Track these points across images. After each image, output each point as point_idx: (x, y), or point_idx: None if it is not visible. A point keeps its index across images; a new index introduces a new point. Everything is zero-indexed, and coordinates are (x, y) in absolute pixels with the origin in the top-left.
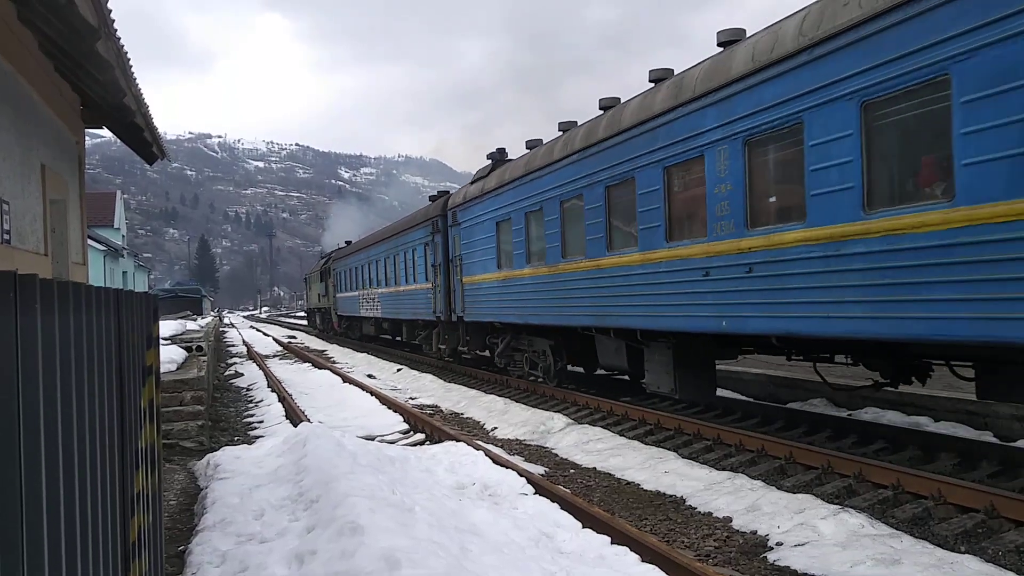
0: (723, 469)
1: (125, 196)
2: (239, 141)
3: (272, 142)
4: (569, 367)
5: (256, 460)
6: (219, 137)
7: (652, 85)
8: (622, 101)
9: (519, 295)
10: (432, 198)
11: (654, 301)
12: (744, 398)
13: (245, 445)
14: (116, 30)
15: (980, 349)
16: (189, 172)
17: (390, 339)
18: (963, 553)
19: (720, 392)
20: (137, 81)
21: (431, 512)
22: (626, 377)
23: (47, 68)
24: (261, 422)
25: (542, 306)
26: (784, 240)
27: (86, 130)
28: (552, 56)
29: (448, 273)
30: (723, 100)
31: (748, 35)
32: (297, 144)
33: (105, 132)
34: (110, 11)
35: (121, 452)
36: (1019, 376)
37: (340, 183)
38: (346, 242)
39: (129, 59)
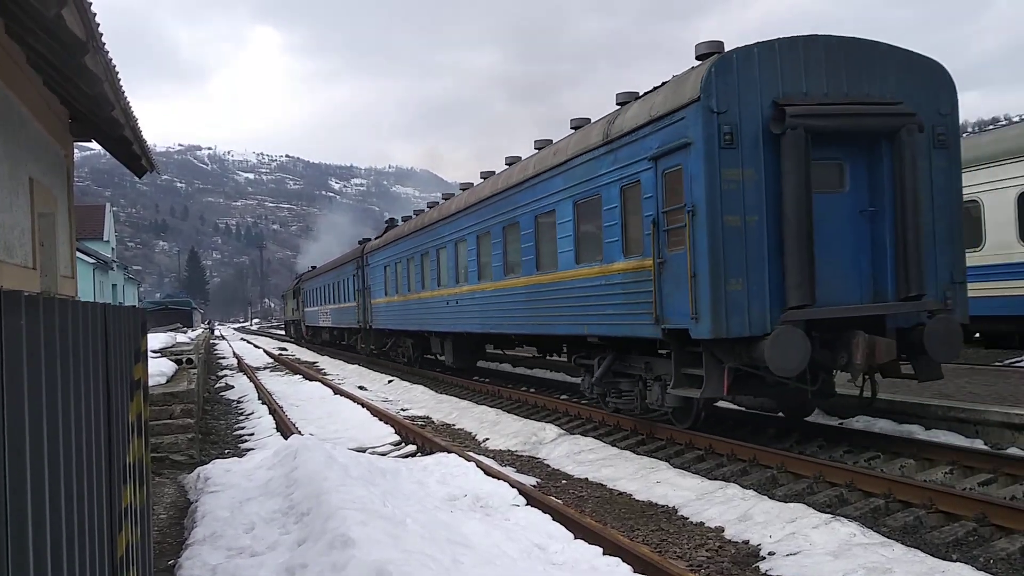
0: (715, 479)
1: (114, 209)
2: (229, 153)
3: (262, 154)
4: (426, 356)
5: (247, 473)
6: (209, 149)
7: (506, 167)
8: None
9: (394, 311)
10: (360, 242)
11: (438, 317)
12: (736, 407)
13: (236, 458)
14: (104, 44)
15: (568, 338)
16: (179, 184)
17: (337, 343)
18: (955, 561)
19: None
20: (126, 94)
21: (423, 524)
22: (443, 358)
23: (36, 82)
24: (252, 435)
25: (403, 318)
26: (448, 293)
27: (75, 143)
28: (544, 67)
29: (364, 296)
30: (446, 223)
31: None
32: (287, 155)
33: (94, 144)
34: (98, 25)
35: (108, 467)
36: (576, 350)
37: (331, 194)
38: (312, 267)
39: (118, 72)
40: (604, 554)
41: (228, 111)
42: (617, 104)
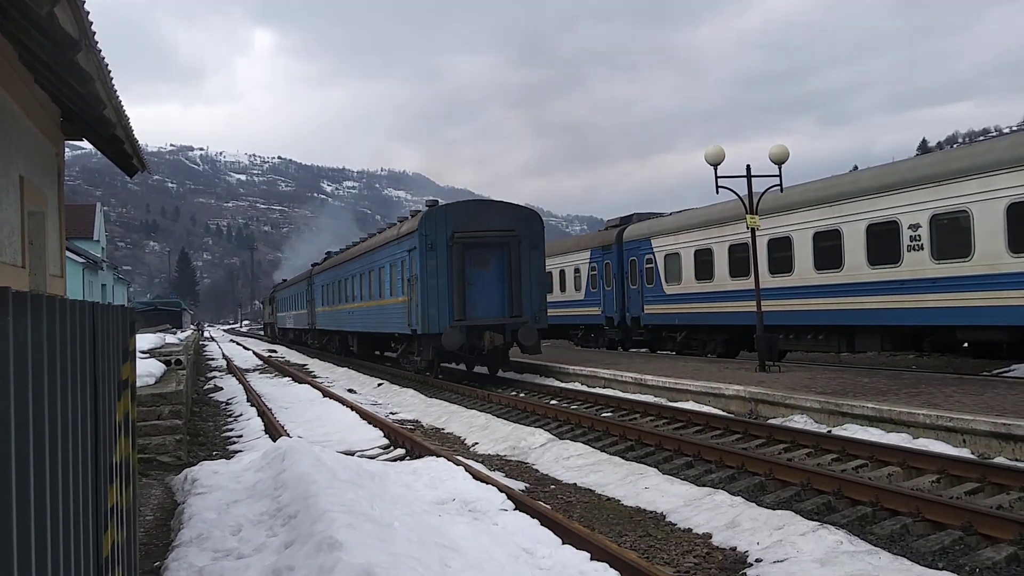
0: (703, 485)
1: (105, 208)
2: (221, 154)
3: (254, 155)
4: (348, 348)
5: (234, 475)
6: (201, 150)
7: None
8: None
9: (327, 317)
10: (312, 265)
11: (347, 321)
12: (725, 414)
13: (223, 460)
14: (97, 42)
15: (390, 335)
16: (170, 184)
17: (298, 340)
18: (941, 570)
19: (700, 408)
20: (118, 93)
21: (411, 528)
22: (354, 349)
23: (27, 80)
24: (240, 436)
25: (331, 322)
26: (350, 307)
27: (66, 142)
28: (540, 73)
29: (312, 305)
30: (349, 264)
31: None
32: (280, 157)
33: (86, 144)
34: (91, 23)
35: (95, 466)
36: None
37: (323, 196)
38: (283, 280)
39: (110, 71)
40: (591, 559)
41: (222, 112)
42: (410, 215)
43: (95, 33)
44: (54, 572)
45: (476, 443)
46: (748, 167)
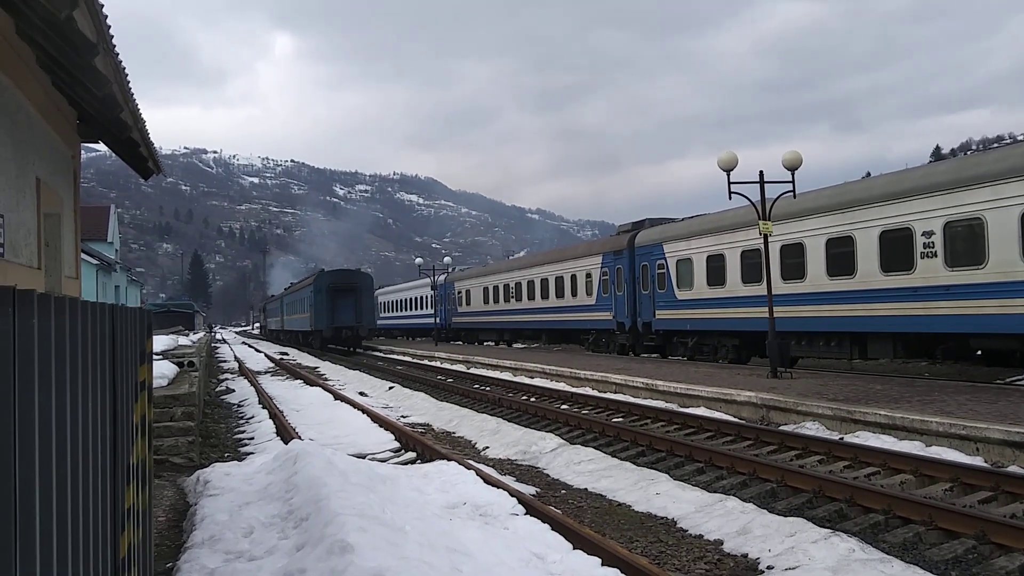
0: (715, 491)
1: (119, 210)
2: (234, 157)
3: (267, 158)
4: (299, 341)
5: (246, 477)
6: (214, 152)
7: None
8: None
9: (288, 322)
10: (285, 289)
11: (295, 324)
12: (737, 420)
13: (235, 462)
14: (115, 46)
15: (309, 331)
16: (184, 187)
17: (275, 338)
18: None
19: (712, 414)
20: (135, 96)
21: (422, 532)
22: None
23: (44, 82)
24: (252, 439)
25: (290, 324)
26: (294, 316)
27: (82, 144)
28: (556, 79)
29: (283, 314)
30: (296, 291)
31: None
32: (292, 160)
33: (100, 146)
34: (109, 27)
35: (113, 467)
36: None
37: (335, 200)
38: (271, 295)
39: (127, 74)
40: (603, 565)
41: (242, 116)
42: (318, 271)
43: (113, 36)
44: (74, 572)
45: (487, 447)
46: (761, 173)
